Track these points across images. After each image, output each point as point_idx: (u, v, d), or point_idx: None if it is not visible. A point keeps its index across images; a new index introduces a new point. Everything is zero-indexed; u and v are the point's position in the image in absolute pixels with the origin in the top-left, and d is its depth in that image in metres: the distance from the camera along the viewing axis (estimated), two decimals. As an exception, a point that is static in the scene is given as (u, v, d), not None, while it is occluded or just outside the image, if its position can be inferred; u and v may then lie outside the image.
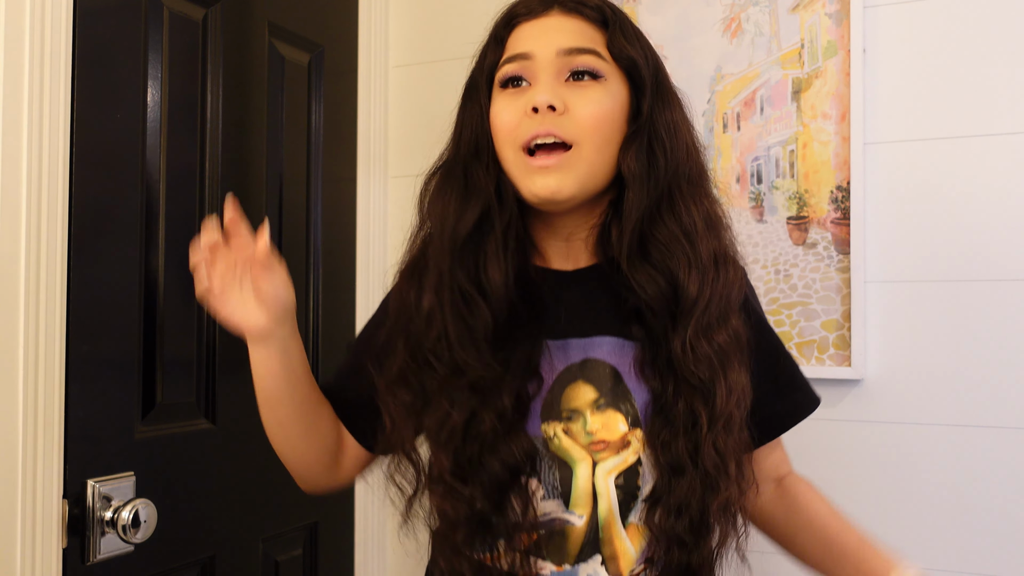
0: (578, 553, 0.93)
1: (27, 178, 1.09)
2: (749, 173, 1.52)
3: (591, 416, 0.93)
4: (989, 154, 1.39)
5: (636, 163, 0.91)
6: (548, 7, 0.94)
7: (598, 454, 0.93)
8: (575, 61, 0.91)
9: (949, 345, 1.40)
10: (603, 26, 0.94)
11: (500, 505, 0.91)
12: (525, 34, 0.94)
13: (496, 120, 0.93)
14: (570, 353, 0.95)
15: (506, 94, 0.93)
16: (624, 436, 0.93)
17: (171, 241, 1.31)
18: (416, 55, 1.79)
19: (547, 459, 0.93)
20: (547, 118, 0.89)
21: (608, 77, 0.92)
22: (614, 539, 0.93)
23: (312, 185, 1.61)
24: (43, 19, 1.11)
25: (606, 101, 0.91)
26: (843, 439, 1.46)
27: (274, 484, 1.50)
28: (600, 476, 0.93)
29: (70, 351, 1.14)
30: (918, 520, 1.41)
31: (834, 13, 1.47)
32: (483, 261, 0.93)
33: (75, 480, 1.15)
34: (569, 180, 0.90)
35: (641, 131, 0.93)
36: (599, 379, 0.94)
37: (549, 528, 0.93)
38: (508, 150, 0.92)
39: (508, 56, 0.94)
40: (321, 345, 1.61)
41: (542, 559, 0.93)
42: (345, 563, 1.68)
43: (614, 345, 0.95)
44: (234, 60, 1.42)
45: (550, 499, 0.93)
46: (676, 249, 0.92)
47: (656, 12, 1.59)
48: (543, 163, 0.89)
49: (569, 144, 0.89)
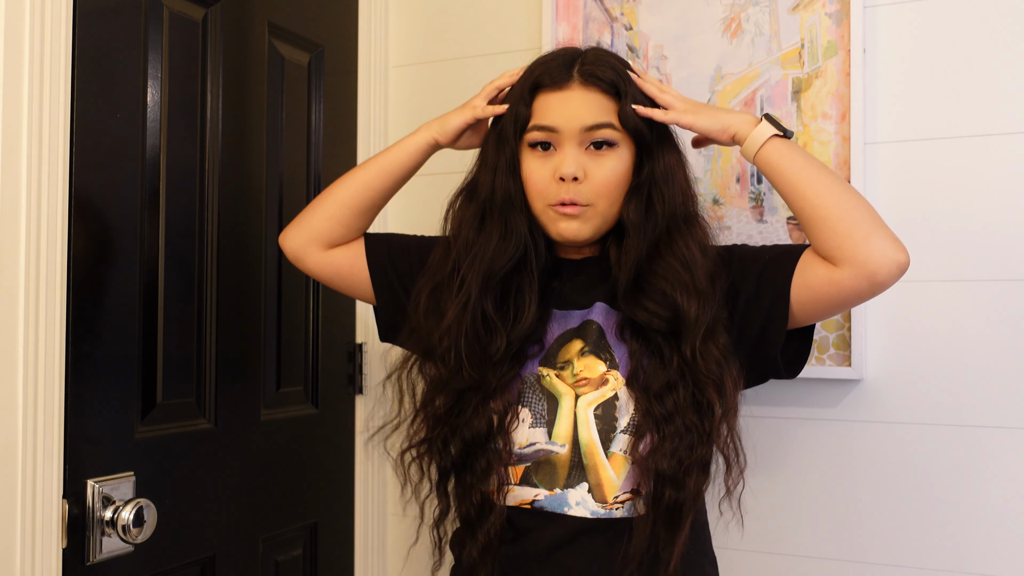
0: (566, 478, 1.11)
1: (27, 178, 1.09)
2: (749, 173, 1.52)
3: (577, 361, 1.14)
4: (989, 154, 1.39)
5: (635, 213, 1.12)
6: (569, 79, 1.12)
7: (580, 388, 1.12)
8: (595, 135, 1.11)
9: (949, 345, 1.40)
10: (616, 97, 1.13)
11: (487, 438, 1.12)
12: (551, 105, 1.13)
13: (530, 179, 1.14)
14: (570, 320, 1.17)
15: (536, 155, 1.14)
16: (603, 375, 1.12)
17: (171, 241, 1.31)
18: (416, 55, 1.79)
19: (538, 391, 1.13)
20: (572, 186, 1.11)
21: (619, 143, 1.12)
22: (598, 467, 1.10)
23: (312, 185, 1.61)
24: (43, 19, 1.11)
25: (619, 167, 1.12)
26: (843, 439, 1.46)
27: (274, 484, 1.51)
28: (581, 407, 1.11)
29: (70, 351, 1.14)
30: (918, 520, 1.41)
31: (834, 13, 1.47)
32: (520, 299, 1.14)
33: (75, 480, 1.15)
34: (587, 227, 1.13)
35: (642, 185, 1.13)
36: (588, 335, 1.15)
37: (535, 459, 1.12)
38: (538, 203, 1.14)
39: (537, 124, 1.13)
40: (321, 346, 1.61)
41: (534, 486, 1.12)
42: (345, 563, 1.68)
43: (603, 310, 1.16)
44: (234, 60, 1.42)
45: (537, 427, 1.12)
46: (675, 280, 1.10)
47: (656, 12, 1.59)
48: (568, 212, 1.12)
49: (587, 205, 1.12)
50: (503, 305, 1.14)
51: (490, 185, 1.16)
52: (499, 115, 1.18)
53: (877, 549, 1.44)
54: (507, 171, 1.15)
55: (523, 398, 1.13)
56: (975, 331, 1.39)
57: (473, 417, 1.12)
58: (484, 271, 1.13)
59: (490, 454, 1.12)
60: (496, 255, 1.13)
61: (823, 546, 1.47)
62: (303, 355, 1.58)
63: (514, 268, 1.14)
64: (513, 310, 1.14)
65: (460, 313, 1.12)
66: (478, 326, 1.12)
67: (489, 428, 1.12)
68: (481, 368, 1.12)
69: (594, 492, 1.10)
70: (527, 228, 1.14)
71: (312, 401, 1.60)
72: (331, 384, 1.64)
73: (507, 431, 1.12)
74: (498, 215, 1.15)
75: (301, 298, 1.58)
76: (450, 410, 1.14)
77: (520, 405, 1.13)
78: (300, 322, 1.58)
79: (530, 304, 1.14)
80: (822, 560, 1.47)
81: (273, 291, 1.51)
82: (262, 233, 1.49)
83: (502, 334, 1.13)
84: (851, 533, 1.45)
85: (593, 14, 1.62)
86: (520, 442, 1.12)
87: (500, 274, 1.13)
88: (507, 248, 1.13)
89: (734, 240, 1.50)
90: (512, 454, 1.12)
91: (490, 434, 1.12)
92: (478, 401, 1.12)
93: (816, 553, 1.47)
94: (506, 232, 1.14)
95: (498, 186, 1.15)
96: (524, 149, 1.15)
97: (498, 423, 1.12)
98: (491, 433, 1.12)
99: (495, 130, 1.19)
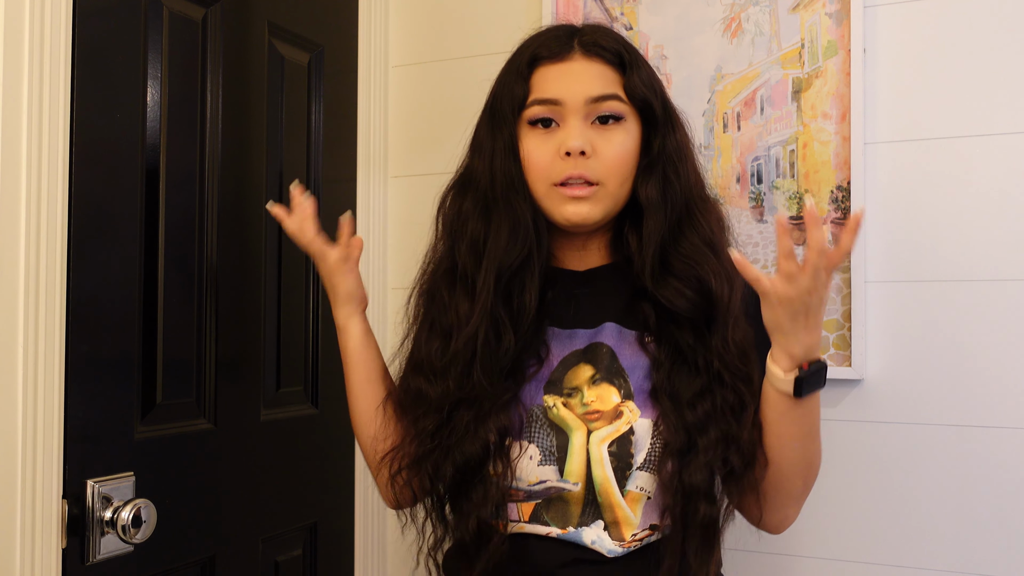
0: (579, 516, 1.01)
1: (27, 178, 1.09)
2: (749, 173, 1.52)
3: (587, 390, 1.03)
4: (989, 154, 1.39)
5: (655, 191, 1.03)
6: (569, 49, 1.04)
7: (592, 423, 1.02)
8: (601, 107, 1.03)
9: (949, 345, 1.40)
10: (620, 68, 1.05)
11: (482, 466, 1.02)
12: (551, 77, 1.04)
13: (530, 158, 1.04)
14: (576, 341, 1.07)
15: (537, 133, 1.04)
16: (617, 407, 1.02)
17: (171, 241, 1.31)
18: (416, 55, 1.79)
19: (545, 425, 1.03)
20: (579, 161, 1.01)
21: (627, 117, 1.04)
22: (614, 506, 1.01)
23: (312, 185, 1.61)
24: (43, 19, 1.11)
25: (627, 142, 1.03)
26: (843, 439, 1.46)
27: (274, 484, 1.50)
28: (594, 443, 1.01)
29: (70, 351, 1.14)
30: (918, 520, 1.41)
31: (834, 13, 1.47)
32: (521, 292, 1.04)
33: (75, 480, 1.15)
34: (597, 209, 1.03)
35: (655, 162, 1.04)
36: (598, 359, 1.05)
37: (545, 496, 1.02)
38: (541, 185, 1.04)
39: (537, 98, 1.04)
40: (321, 346, 1.61)
41: (545, 524, 1.02)
42: (345, 563, 1.68)
43: (614, 330, 1.06)
44: (234, 60, 1.42)
45: (546, 464, 1.02)
46: (702, 259, 1.02)
47: (656, 12, 1.58)
48: (575, 193, 1.02)
49: (597, 183, 1.02)
50: (509, 302, 1.05)
51: (488, 172, 1.06)
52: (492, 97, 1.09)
53: (877, 549, 1.44)
54: (506, 154, 1.05)
55: (530, 433, 1.03)
56: (975, 331, 1.39)
57: (465, 439, 1.01)
58: (496, 267, 1.04)
59: (487, 481, 1.02)
60: (508, 249, 1.04)
61: (823, 546, 1.47)
62: (303, 355, 1.58)
63: (524, 262, 1.05)
64: (518, 306, 1.05)
65: (480, 317, 1.03)
66: (493, 326, 1.03)
67: (485, 452, 1.01)
68: (491, 375, 1.02)
69: (610, 530, 1.01)
70: (531, 217, 1.05)
71: (312, 401, 1.60)
72: (331, 384, 1.64)
73: (508, 458, 1.02)
74: (504, 204, 1.05)
75: (301, 298, 1.58)
76: (439, 429, 1.04)
77: (527, 440, 1.03)
78: (300, 322, 1.58)
79: (530, 299, 1.04)
80: (822, 560, 1.47)
81: (273, 291, 1.51)
82: (262, 233, 1.48)
83: (510, 332, 1.03)
84: (851, 533, 1.45)
85: (593, 14, 1.62)
86: (529, 479, 1.02)
87: (512, 269, 1.04)
88: (517, 240, 1.04)
89: (734, 240, 1.50)
90: (520, 490, 1.03)
91: (486, 458, 1.01)
92: (469, 419, 1.02)
93: (816, 553, 1.47)
94: (516, 224, 1.04)
95: (498, 171, 1.05)
96: (523, 129, 1.05)
97: (495, 448, 1.02)
98: (487, 457, 1.01)
99: (487, 114, 1.09)
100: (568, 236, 1.10)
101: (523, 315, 1.04)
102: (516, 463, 1.02)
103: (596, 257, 1.11)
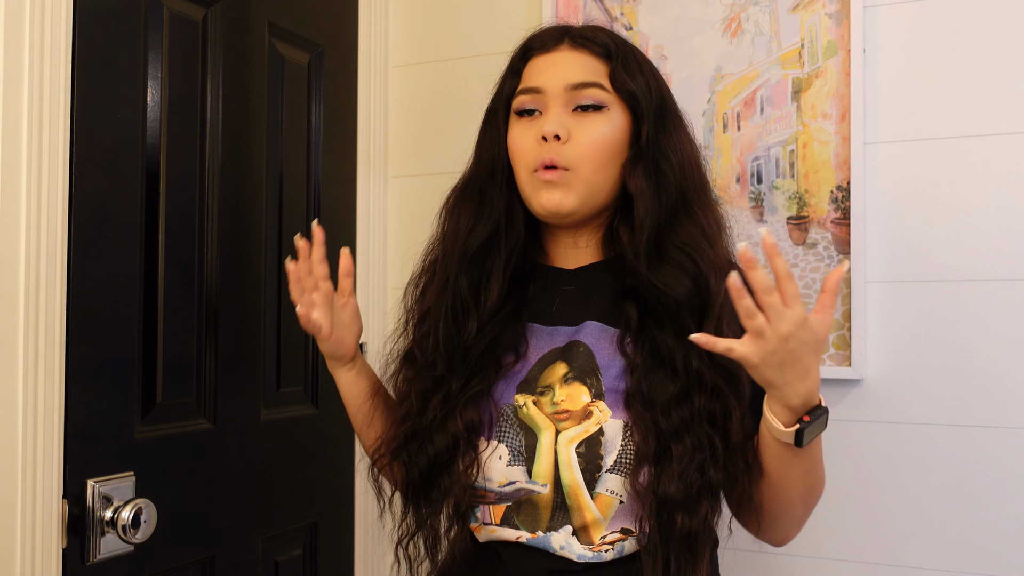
0: (549, 520, 1.00)
1: (27, 178, 1.09)
2: (749, 173, 1.52)
3: (559, 388, 1.02)
4: (989, 154, 1.39)
5: (643, 180, 1.02)
6: (559, 42, 1.07)
7: (561, 423, 1.01)
8: (581, 95, 1.03)
9: (949, 345, 1.40)
10: (607, 60, 1.05)
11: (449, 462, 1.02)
12: (538, 67, 1.06)
13: (513, 145, 1.06)
14: (557, 338, 1.06)
15: (522, 122, 1.06)
16: (586, 407, 1.00)
17: (171, 241, 1.31)
18: (416, 55, 1.79)
19: (515, 424, 1.02)
20: (553, 146, 1.01)
21: (610, 107, 1.04)
22: (583, 508, 0.99)
23: (312, 185, 1.61)
24: (43, 19, 1.11)
25: (606, 130, 1.03)
26: (843, 439, 1.46)
27: (274, 484, 1.50)
28: (562, 444, 1.00)
29: (70, 351, 1.14)
30: (918, 520, 1.41)
31: (834, 13, 1.47)
32: (486, 277, 1.06)
33: (75, 480, 1.15)
34: (570, 197, 1.02)
35: (644, 153, 1.03)
36: (574, 357, 1.04)
37: (515, 498, 1.01)
38: (522, 171, 1.05)
39: (523, 88, 1.06)
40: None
41: (515, 528, 1.01)
42: (345, 563, 1.68)
43: (595, 328, 1.05)
44: (234, 60, 1.42)
45: (515, 465, 1.01)
46: (700, 251, 1.01)
47: (656, 12, 1.59)
48: (547, 177, 1.02)
49: (568, 168, 1.02)
50: (475, 286, 1.06)
51: (476, 163, 1.11)
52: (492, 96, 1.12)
53: (877, 549, 1.44)
54: (494, 145, 1.09)
55: (500, 432, 1.02)
56: (975, 331, 1.39)
57: (435, 429, 1.03)
58: (460, 249, 1.06)
59: (455, 473, 1.02)
60: (472, 229, 1.06)
61: (823, 546, 1.47)
62: (303, 355, 1.58)
63: (485, 244, 1.06)
64: (483, 291, 1.06)
65: (440, 294, 1.07)
66: (457, 307, 1.05)
67: (454, 445, 1.02)
68: (452, 357, 1.04)
69: (579, 535, 0.99)
70: (505, 205, 1.07)
71: (312, 401, 1.60)
72: (331, 384, 1.62)
73: (476, 451, 1.02)
74: (478, 191, 1.08)
75: (301, 298, 1.58)
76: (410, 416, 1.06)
77: (497, 439, 1.02)
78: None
79: (493, 284, 1.05)
80: (822, 560, 1.47)
81: (273, 291, 1.51)
82: (262, 233, 1.48)
83: (474, 316, 1.05)
84: (851, 533, 1.45)
85: (593, 14, 1.62)
86: (499, 480, 1.02)
87: (473, 249, 1.06)
88: (480, 221, 1.06)
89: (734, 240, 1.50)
90: (491, 491, 1.02)
91: (455, 451, 1.02)
92: (438, 409, 1.03)
93: (816, 553, 1.47)
94: (481, 205, 1.07)
95: (483, 162, 1.09)
96: (512, 119, 1.08)
97: (463, 443, 1.02)
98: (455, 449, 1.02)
99: (486, 112, 1.13)
100: (558, 232, 1.10)
101: (487, 301, 1.05)
102: (485, 461, 1.02)
103: (587, 255, 1.10)
